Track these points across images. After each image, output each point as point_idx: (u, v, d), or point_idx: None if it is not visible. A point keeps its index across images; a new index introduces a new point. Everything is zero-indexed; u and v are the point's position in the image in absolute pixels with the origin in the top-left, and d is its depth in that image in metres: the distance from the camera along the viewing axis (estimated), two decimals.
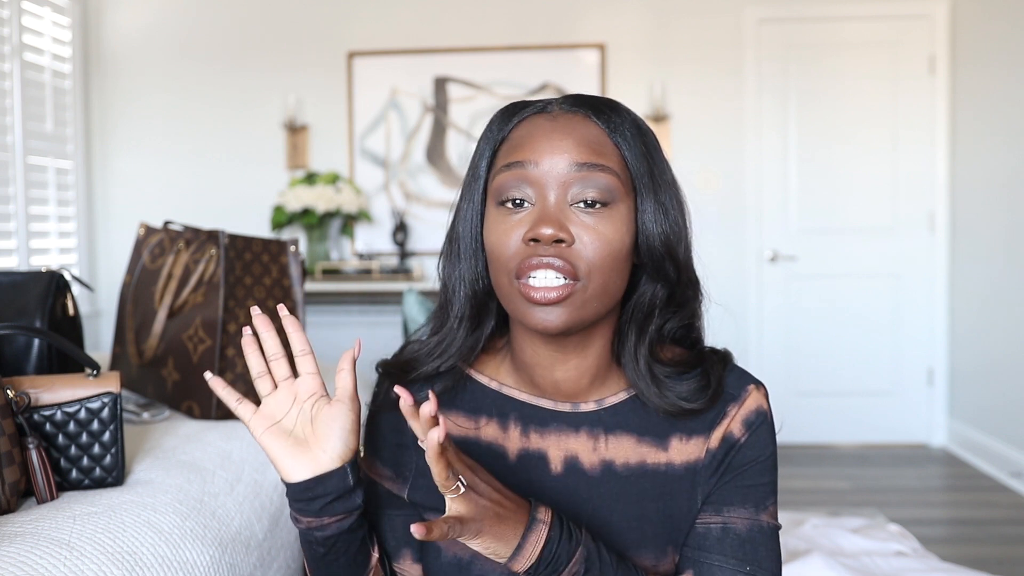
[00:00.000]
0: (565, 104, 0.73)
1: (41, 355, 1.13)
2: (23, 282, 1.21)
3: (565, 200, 0.69)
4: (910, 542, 1.65)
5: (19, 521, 0.83)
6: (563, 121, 0.71)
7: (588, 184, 0.68)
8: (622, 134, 0.71)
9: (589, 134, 0.71)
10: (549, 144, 0.70)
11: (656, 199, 0.72)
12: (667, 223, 0.72)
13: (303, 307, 1.42)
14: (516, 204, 0.70)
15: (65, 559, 0.77)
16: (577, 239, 0.68)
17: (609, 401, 0.76)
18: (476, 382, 0.79)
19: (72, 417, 0.93)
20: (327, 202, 3.56)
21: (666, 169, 0.74)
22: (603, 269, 0.69)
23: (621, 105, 0.75)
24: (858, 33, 3.73)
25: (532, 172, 0.69)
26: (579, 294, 0.68)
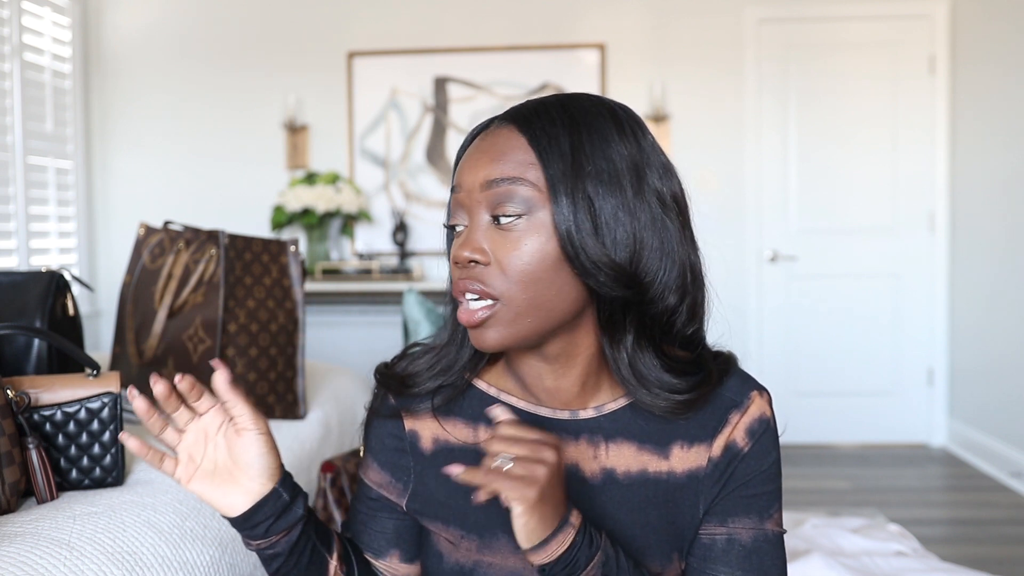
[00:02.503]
0: (503, 117, 0.71)
1: (41, 355, 1.13)
2: (23, 282, 1.21)
3: (483, 219, 0.68)
4: (910, 542, 1.65)
5: (19, 521, 0.83)
6: (488, 139, 0.70)
7: (501, 199, 0.67)
8: (540, 138, 0.68)
9: (505, 147, 0.68)
10: (468, 165, 0.70)
11: (577, 200, 0.66)
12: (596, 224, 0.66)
13: (303, 307, 1.42)
14: (454, 230, 0.72)
15: (65, 559, 0.77)
16: (492, 256, 0.67)
17: (608, 408, 0.75)
18: (477, 389, 0.78)
19: (72, 417, 0.93)
20: (327, 202, 3.56)
21: (615, 160, 0.67)
22: (523, 284, 0.67)
23: (556, 105, 0.70)
24: (858, 33, 3.73)
25: (459, 196, 0.70)
26: (502, 313, 0.67)
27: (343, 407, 1.62)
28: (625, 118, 0.71)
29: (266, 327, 1.35)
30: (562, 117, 0.69)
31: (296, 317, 1.39)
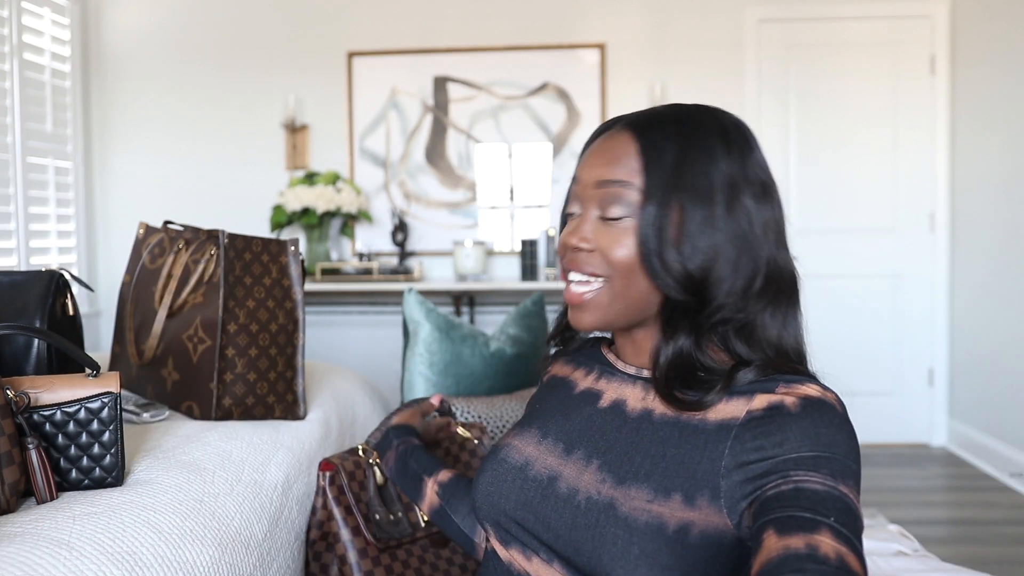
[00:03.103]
0: (625, 122, 0.81)
1: (41, 355, 1.13)
2: (23, 282, 1.20)
3: (596, 213, 0.80)
4: (910, 542, 1.64)
5: (19, 521, 0.83)
6: (608, 141, 0.81)
7: (609, 200, 0.78)
8: (651, 147, 0.77)
9: (620, 152, 0.79)
10: (590, 163, 0.81)
11: (663, 210, 0.75)
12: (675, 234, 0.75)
13: (303, 307, 1.41)
14: (570, 215, 0.84)
15: (65, 559, 0.77)
16: (596, 246, 0.79)
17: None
18: (598, 351, 0.94)
19: (72, 417, 0.93)
20: (327, 202, 3.56)
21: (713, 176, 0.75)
22: (619, 273, 0.78)
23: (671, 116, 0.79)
24: (858, 33, 3.73)
25: (577, 187, 0.83)
26: (600, 294, 0.80)
27: (343, 407, 1.62)
28: (735, 136, 0.78)
29: (266, 327, 1.35)
30: (674, 131, 0.78)
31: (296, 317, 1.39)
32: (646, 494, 0.73)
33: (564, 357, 0.98)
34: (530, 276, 3.62)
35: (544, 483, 0.82)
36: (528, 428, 0.90)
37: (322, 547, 1.20)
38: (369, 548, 1.18)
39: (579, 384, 0.91)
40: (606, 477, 0.77)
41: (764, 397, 0.72)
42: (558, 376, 0.96)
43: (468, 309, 3.82)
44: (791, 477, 0.66)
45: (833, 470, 0.66)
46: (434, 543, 1.24)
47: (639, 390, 0.83)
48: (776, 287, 0.78)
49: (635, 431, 0.79)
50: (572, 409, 0.88)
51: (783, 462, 0.67)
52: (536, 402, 0.96)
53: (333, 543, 1.19)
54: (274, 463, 1.20)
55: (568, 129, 3.81)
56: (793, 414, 0.70)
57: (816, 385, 0.73)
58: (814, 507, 0.63)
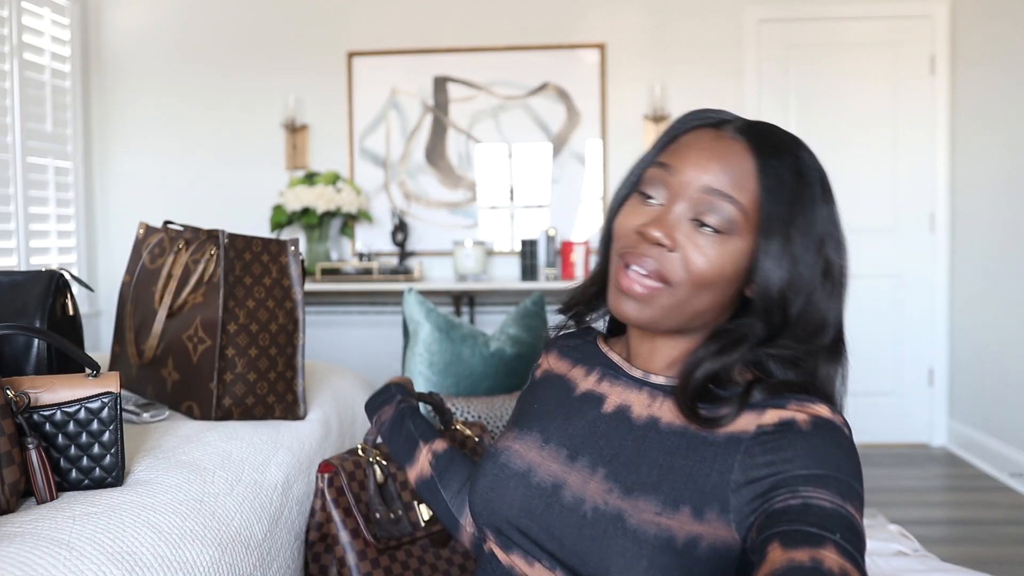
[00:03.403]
0: (737, 129, 0.77)
1: (41, 355, 1.13)
2: (23, 282, 1.20)
3: (687, 213, 0.75)
4: (910, 542, 1.64)
5: (19, 521, 0.83)
6: (723, 144, 0.76)
7: (711, 209, 0.74)
8: (770, 176, 0.74)
9: (739, 165, 0.74)
10: (696, 160, 0.75)
11: (786, 245, 0.74)
12: (791, 271, 0.74)
13: (303, 307, 1.41)
14: (648, 198, 0.78)
15: (65, 559, 0.77)
16: (680, 249, 0.74)
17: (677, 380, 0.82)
18: (596, 347, 0.91)
19: (72, 417, 0.93)
20: (327, 202, 3.56)
21: (818, 223, 0.75)
22: (695, 285, 0.74)
23: (795, 149, 0.77)
24: (858, 33, 3.73)
25: (672, 178, 0.76)
26: (664, 298, 0.75)
27: (343, 407, 1.62)
28: (827, 184, 0.78)
29: (266, 327, 1.35)
30: (792, 164, 0.75)
31: (296, 317, 1.39)
32: (655, 506, 0.72)
33: (557, 350, 0.96)
34: (530, 276, 3.62)
35: (548, 491, 0.80)
36: (528, 431, 0.88)
37: (321, 548, 1.20)
38: (368, 550, 1.17)
39: (579, 385, 0.89)
40: (613, 487, 0.75)
41: (775, 412, 0.72)
42: (554, 373, 0.94)
43: (468, 309, 3.82)
44: (800, 492, 0.66)
45: (841, 490, 0.66)
46: (434, 543, 1.24)
47: (645, 396, 0.82)
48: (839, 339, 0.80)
49: (641, 439, 0.78)
50: (574, 413, 0.86)
51: (792, 478, 0.67)
52: (532, 399, 0.93)
53: (332, 545, 1.19)
54: (274, 463, 1.20)
55: (568, 129, 3.81)
56: (804, 432, 0.70)
57: (826, 406, 0.74)
58: (821, 523, 0.63)
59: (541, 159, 3.83)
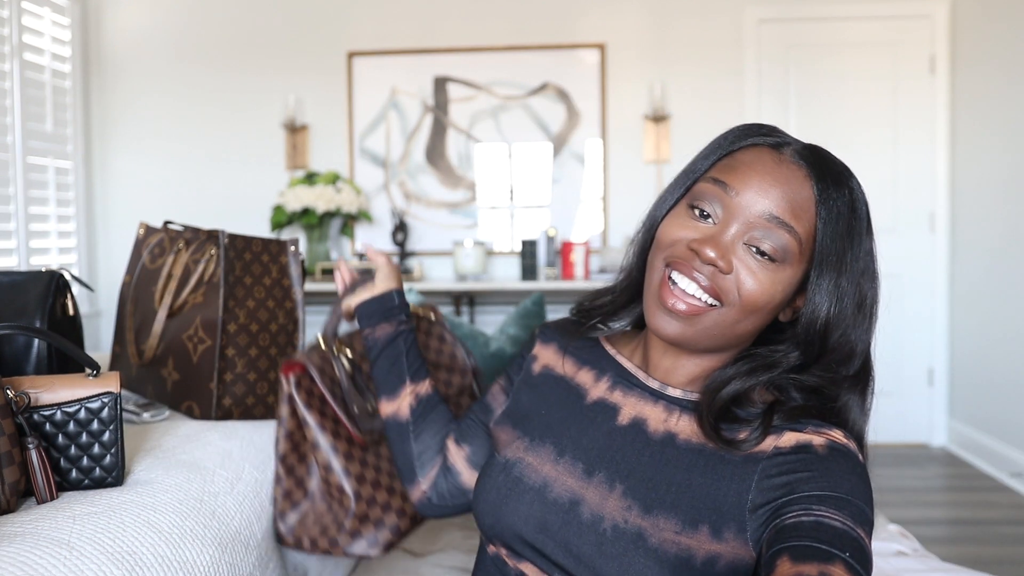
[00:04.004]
0: (798, 153, 0.76)
1: (41, 355, 1.13)
2: (23, 282, 1.20)
3: (742, 236, 0.74)
4: (910, 542, 1.64)
5: (19, 521, 0.83)
6: (785, 169, 0.75)
7: (768, 236, 0.73)
8: (830, 208, 0.74)
9: (799, 193, 0.74)
10: (759, 183, 0.74)
11: (838, 281, 0.74)
12: (837, 306, 0.74)
13: (303, 307, 1.41)
14: (702, 215, 0.76)
15: (65, 559, 0.77)
16: (735, 272, 0.74)
17: (695, 395, 0.81)
18: (603, 349, 0.90)
19: (72, 417, 0.93)
20: (327, 202, 3.56)
21: (862, 257, 0.75)
22: (744, 310, 0.74)
23: (851, 181, 0.76)
24: (858, 33, 3.73)
25: (730, 198, 0.75)
26: (711, 318, 0.75)
27: None
28: (870, 217, 0.78)
29: (266, 327, 1.35)
30: (848, 196, 0.75)
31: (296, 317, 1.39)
32: (674, 525, 0.72)
33: (556, 345, 0.93)
34: (530, 276, 3.62)
35: (565, 507, 0.78)
36: (540, 443, 0.85)
37: (295, 459, 1.09)
38: (353, 449, 1.07)
39: (590, 391, 0.87)
40: (632, 504, 0.75)
41: (793, 435, 0.73)
42: (556, 373, 0.91)
43: (468, 309, 3.82)
44: (812, 511, 0.67)
45: (853, 513, 0.67)
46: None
47: (660, 410, 0.81)
48: (864, 368, 0.78)
49: (659, 455, 0.77)
50: (587, 423, 0.84)
51: (807, 497, 0.68)
52: (538, 402, 0.90)
53: (309, 452, 1.08)
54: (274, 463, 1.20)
55: (568, 129, 3.81)
56: (820, 455, 0.71)
57: (841, 432, 0.74)
58: (831, 541, 0.64)
59: (541, 159, 3.83)
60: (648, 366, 0.84)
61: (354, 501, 1.04)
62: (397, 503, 1.06)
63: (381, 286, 1.04)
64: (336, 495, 1.06)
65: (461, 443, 0.98)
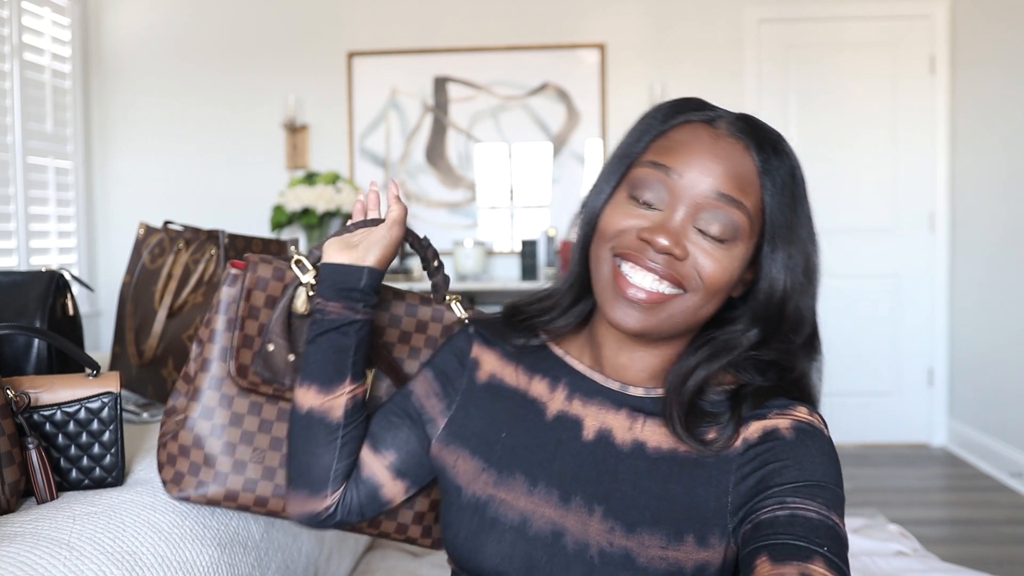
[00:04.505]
0: (733, 126, 0.74)
1: (41, 355, 1.13)
2: (23, 282, 1.20)
3: (691, 219, 0.72)
4: (910, 542, 1.65)
5: (19, 521, 0.83)
6: (724, 144, 0.73)
7: (718, 216, 0.71)
8: (773, 178, 0.73)
9: (742, 167, 0.72)
10: (699, 162, 0.72)
11: (789, 252, 0.73)
12: (791, 277, 0.73)
13: None
14: (646, 203, 0.73)
15: (65, 559, 0.77)
16: (692, 257, 0.71)
17: (657, 392, 0.78)
18: (551, 352, 0.84)
19: (72, 417, 0.93)
20: (327, 202, 3.56)
21: (805, 223, 0.75)
22: (707, 292, 0.72)
23: (785, 147, 0.75)
24: (858, 33, 3.73)
25: (674, 181, 0.72)
26: (675, 305, 0.72)
27: None
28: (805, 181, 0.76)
29: None
30: (787, 162, 0.74)
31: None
32: (660, 540, 0.71)
33: (500, 351, 0.85)
34: (530, 276, 3.63)
35: (548, 540, 0.74)
36: (510, 475, 0.78)
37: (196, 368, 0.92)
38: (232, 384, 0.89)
39: (548, 405, 0.81)
40: (615, 526, 0.73)
41: (758, 424, 0.73)
42: (508, 385, 0.84)
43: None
44: (787, 503, 0.67)
45: (826, 500, 0.68)
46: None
47: (624, 417, 0.77)
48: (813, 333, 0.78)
49: (632, 469, 0.75)
50: (554, 445, 0.78)
51: (780, 490, 0.69)
52: (493, 422, 0.82)
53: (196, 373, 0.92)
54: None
55: (568, 129, 3.81)
56: (788, 441, 0.71)
57: (804, 408, 0.74)
58: (808, 536, 0.64)
59: (541, 159, 3.83)
60: (602, 365, 0.80)
61: (185, 428, 0.89)
62: (225, 467, 0.89)
63: (360, 251, 0.83)
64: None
65: (381, 450, 0.85)
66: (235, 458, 0.90)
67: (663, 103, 0.78)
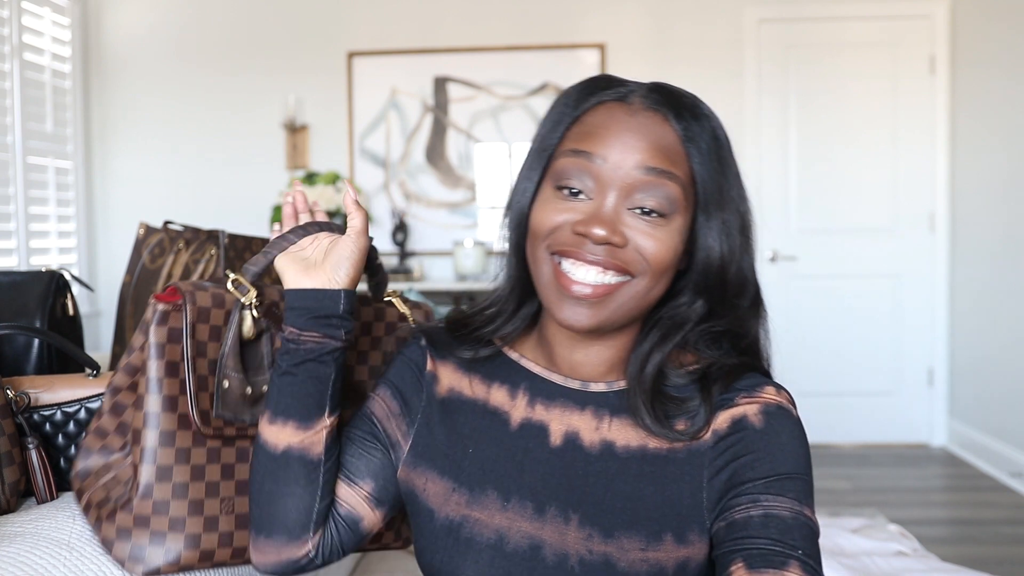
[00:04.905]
0: (648, 99, 0.71)
1: (41, 355, 1.13)
2: (23, 282, 1.20)
3: (624, 202, 0.69)
4: (910, 542, 1.65)
5: (19, 521, 0.83)
6: (641, 118, 0.70)
7: (651, 191, 0.68)
8: (697, 144, 0.70)
9: (664, 138, 0.70)
10: (621, 142, 0.69)
11: (722, 217, 0.71)
12: (727, 242, 0.71)
13: None
14: (574, 193, 0.70)
15: (65, 559, 0.77)
16: (631, 241, 0.69)
17: (619, 385, 0.76)
18: (505, 356, 0.81)
19: (72, 417, 0.93)
20: (327, 202, 3.56)
21: (735, 183, 0.73)
22: (654, 274, 0.70)
23: (704, 110, 0.73)
24: (858, 33, 3.73)
25: (598, 167, 0.69)
26: (623, 293, 0.70)
27: None
28: (729, 139, 0.74)
29: None
30: (708, 125, 0.72)
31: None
32: (639, 542, 0.70)
33: (454, 362, 0.81)
34: None
35: (527, 555, 0.71)
36: (482, 492, 0.75)
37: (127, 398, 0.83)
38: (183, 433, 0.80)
39: (511, 413, 0.77)
40: (592, 532, 0.71)
41: (727, 415, 0.72)
42: (467, 396, 0.80)
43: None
44: (760, 502, 0.67)
45: (798, 491, 0.68)
46: None
47: (590, 417, 0.75)
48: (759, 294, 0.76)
49: (603, 472, 0.73)
50: (522, 455, 0.75)
51: (753, 486, 0.68)
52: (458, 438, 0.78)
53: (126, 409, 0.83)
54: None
55: None
56: (757, 429, 0.70)
57: (771, 387, 0.73)
58: (782, 537, 0.65)
59: None
60: (558, 364, 0.77)
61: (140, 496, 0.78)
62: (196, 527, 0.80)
63: (330, 274, 0.76)
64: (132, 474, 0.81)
65: (357, 481, 0.79)
66: (205, 515, 0.80)
67: (572, 86, 0.75)
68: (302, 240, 0.80)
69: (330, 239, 0.79)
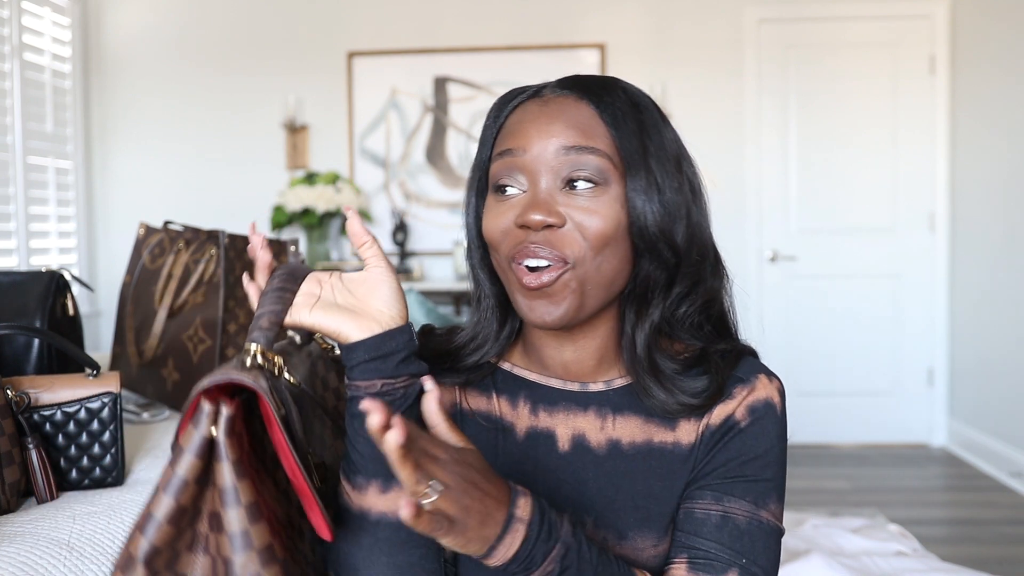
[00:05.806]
0: (557, 87, 0.74)
1: (41, 355, 1.13)
2: (23, 282, 1.20)
3: (556, 184, 0.69)
4: (910, 542, 1.65)
5: (19, 521, 0.83)
6: (553, 105, 0.72)
7: (577, 167, 0.69)
8: (613, 114, 0.71)
9: (579, 116, 0.71)
10: (537, 129, 0.70)
11: (648, 177, 0.70)
12: (660, 202, 0.70)
13: None
14: (509, 192, 0.71)
15: (65, 559, 0.77)
16: (569, 220, 0.68)
17: (618, 383, 0.76)
18: (498, 368, 0.80)
19: (72, 417, 0.93)
20: (327, 202, 3.56)
21: (666, 144, 0.72)
22: (597, 249, 0.68)
23: (616, 82, 0.74)
24: (858, 33, 3.73)
25: (522, 159, 0.70)
26: (572, 279, 0.69)
27: None
28: (660, 108, 0.75)
29: None
30: (623, 98, 0.72)
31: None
32: (651, 540, 0.72)
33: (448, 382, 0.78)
34: None
35: None
36: None
37: (167, 559, 0.56)
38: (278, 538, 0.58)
39: (516, 424, 0.77)
40: (607, 535, 0.72)
41: (721, 410, 0.73)
42: (470, 413, 0.79)
43: (468, 309, 3.81)
44: (722, 501, 0.70)
45: (763, 493, 0.71)
46: None
47: (593, 416, 0.75)
48: (716, 261, 0.76)
49: (610, 471, 0.74)
50: (531, 464, 0.75)
51: (721, 484, 0.71)
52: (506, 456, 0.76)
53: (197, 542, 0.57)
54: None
55: None
56: (742, 430, 0.72)
57: (764, 376, 0.74)
58: (732, 543, 0.69)
59: None
60: (551, 367, 0.77)
61: None
62: None
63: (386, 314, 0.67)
64: None
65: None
66: None
67: (494, 102, 0.77)
68: (303, 287, 0.69)
69: (334, 276, 0.70)
